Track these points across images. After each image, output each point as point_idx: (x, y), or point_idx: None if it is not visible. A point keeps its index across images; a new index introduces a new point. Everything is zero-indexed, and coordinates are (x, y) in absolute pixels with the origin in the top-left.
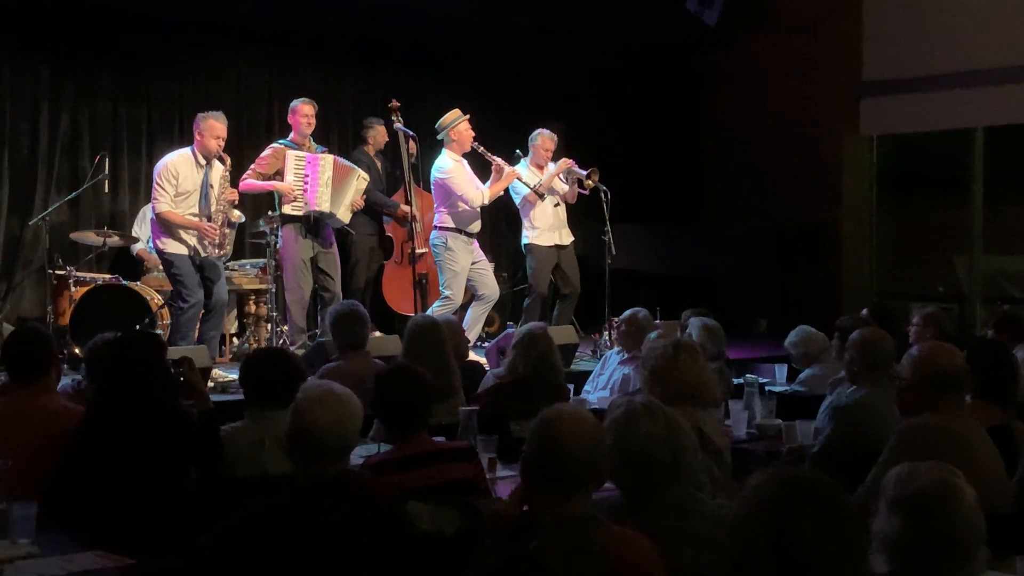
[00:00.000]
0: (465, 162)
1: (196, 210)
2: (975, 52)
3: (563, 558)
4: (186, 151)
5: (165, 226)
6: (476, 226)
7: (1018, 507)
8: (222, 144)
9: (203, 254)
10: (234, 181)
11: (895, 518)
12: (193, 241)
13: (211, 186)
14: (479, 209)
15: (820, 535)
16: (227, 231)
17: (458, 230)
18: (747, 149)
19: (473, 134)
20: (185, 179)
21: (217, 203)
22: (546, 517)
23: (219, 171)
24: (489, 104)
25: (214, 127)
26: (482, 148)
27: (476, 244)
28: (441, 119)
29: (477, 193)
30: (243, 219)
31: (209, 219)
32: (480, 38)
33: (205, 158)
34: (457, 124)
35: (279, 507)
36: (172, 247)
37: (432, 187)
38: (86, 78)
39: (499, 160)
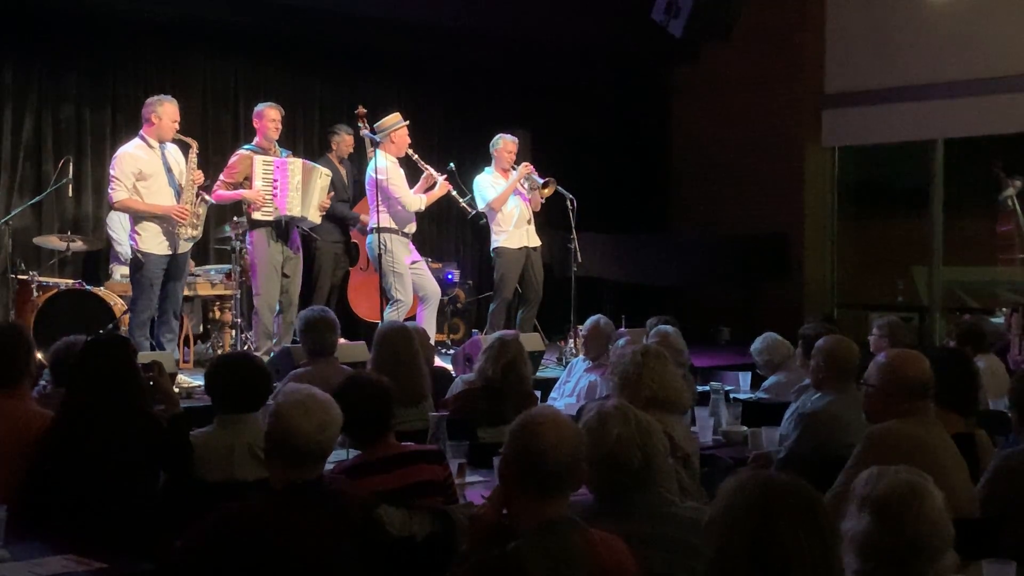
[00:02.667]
0: (398, 164)
1: (165, 192)
2: (936, 65)
3: (542, 561)
4: (136, 141)
5: (139, 218)
6: (412, 227)
7: (983, 513)
8: (178, 127)
9: (179, 250)
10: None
11: (864, 517)
12: (171, 237)
13: (169, 169)
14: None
15: (798, 538)
16: (200, 211)
17: (396, 230)
18: (711, 159)
19: (410, 140)
20: (147, 164)
21: (188, 185)
22: (525, 520)
23: (173, 153)
24: (455, 112)
25: (171, 111)
26: (416, 156)
27: (411, 244)
28: (381, 120)
29: (415, 198)
30: (211, 201)
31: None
32: (447, 46)
33: (159, 142)
34: (398, 128)
35: (255, 511)
36: (148, 245)
37: (367, 188)
38: (50, 81)
39: (431, 170)
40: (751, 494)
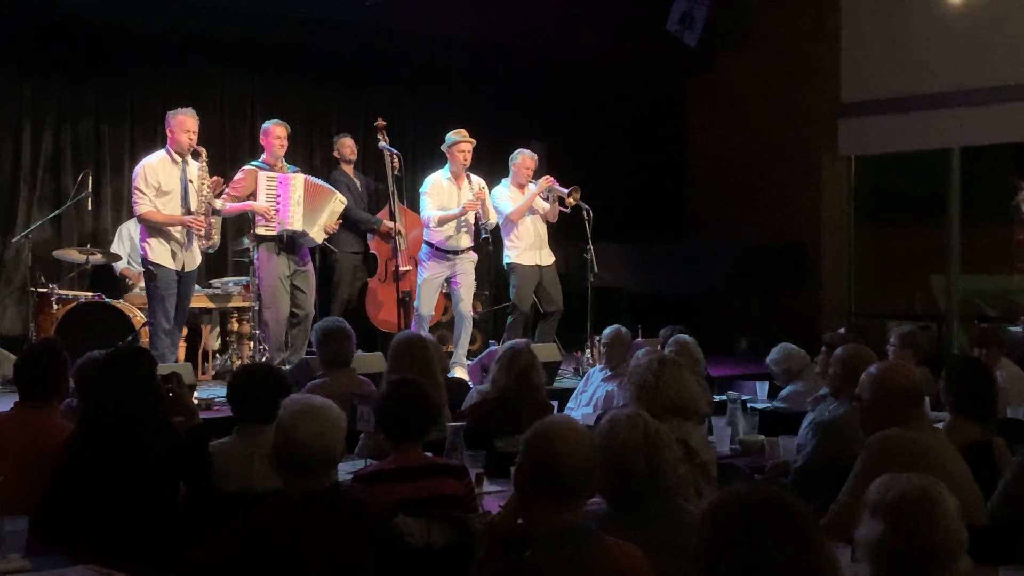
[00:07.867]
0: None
1: (179, 209)
2: (952, 73)
3: (557, 568)
4: (161, 153)
5: (151, 230)
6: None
7: (999, 519)
8: (193, 139)
9: (187, 268)
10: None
11: (877, 524)
12: (180, 253)
13: (190, 182)
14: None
15: (786, 551)
16: (212, 219)
17: None
18: (727, 169)
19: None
20: (166, 179)
21: (199, 195)
22: (540, 528)
23: (195, 167)
24: (471, 123)
25: (184, 122)
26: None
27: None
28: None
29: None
30: (226, 206)
31: (189, 213)
32: (462, 58)
33: (180, 155)
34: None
35: (272, 520)
36: (158, 256)
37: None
38: (69, 95)
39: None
40: (732, 515)
